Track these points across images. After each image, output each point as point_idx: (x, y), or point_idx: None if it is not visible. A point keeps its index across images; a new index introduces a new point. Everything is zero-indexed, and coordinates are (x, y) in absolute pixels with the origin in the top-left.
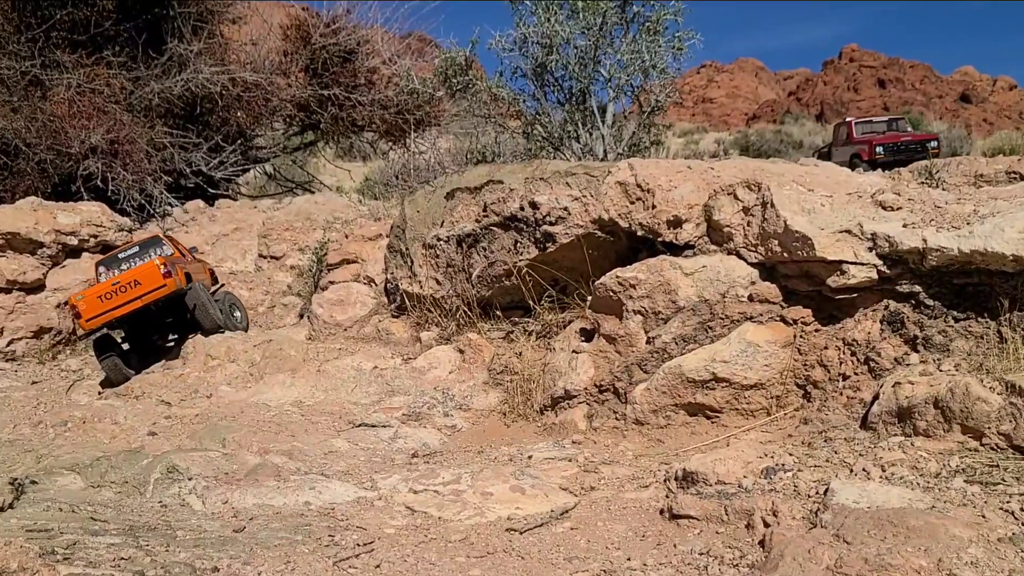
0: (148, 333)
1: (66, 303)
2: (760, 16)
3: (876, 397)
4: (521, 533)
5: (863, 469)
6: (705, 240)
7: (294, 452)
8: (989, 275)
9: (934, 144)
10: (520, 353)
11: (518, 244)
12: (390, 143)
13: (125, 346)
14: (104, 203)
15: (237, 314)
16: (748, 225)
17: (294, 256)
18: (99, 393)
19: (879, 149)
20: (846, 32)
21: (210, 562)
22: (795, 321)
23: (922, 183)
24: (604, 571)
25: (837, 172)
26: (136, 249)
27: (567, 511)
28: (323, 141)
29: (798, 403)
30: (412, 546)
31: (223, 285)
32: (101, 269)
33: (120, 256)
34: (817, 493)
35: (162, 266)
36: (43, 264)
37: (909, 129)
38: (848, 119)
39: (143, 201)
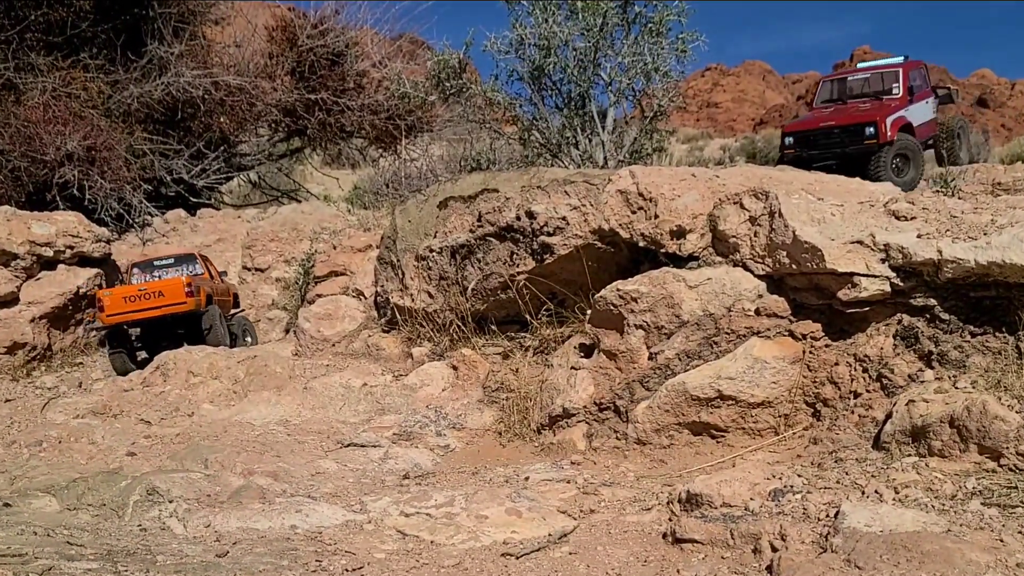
0: (161, 338)
1: (93, 298)
2: (768, 17)
3: (889, 416)
4: (517, 558)
5: (875, 491)
6: (710, 251)
7: (280, 473)
8: (1007, 288)
9: (871, 131)
10: (516, 370)
11: (514, 255)
12: (380, 150)
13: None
14: (81, 213)
15: (248, 339)
16: (755, 236)
17: (280, 268)
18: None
19: (788, 140)
20: (858, 33)
21: None
22: (804, 336)
23: (937, 191)
24: None
25: (848, 180)
26: (171, 261)
27: (566, 535)
28: (310, 148)
29: (807, 422)
30: (403, 572)
31: (243, 310)
32: (135, 270)
33: (155, 263)
34: (827, 516)
35: (187, 285)
36: (17, 277)
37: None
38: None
39: (121, 211)
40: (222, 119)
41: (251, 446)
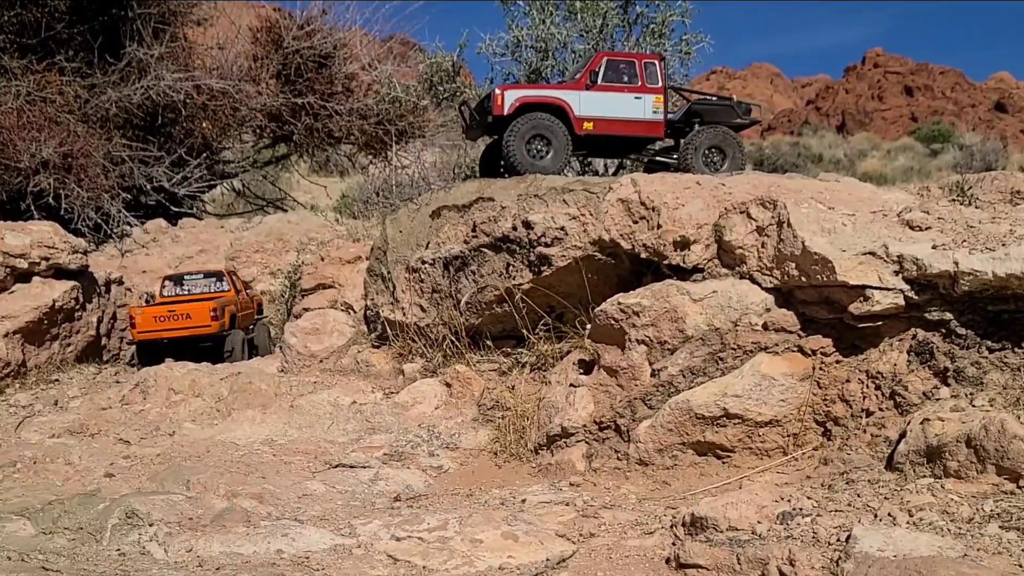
0: (187, 351)
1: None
2: (776, 18)
3: (903, 435)
4: None
5: (888, 514)
6: (715, 263)
7: (265, 495)
8: None
9: (489, 104)
10: (513, 387)
11: (510, 267)
12: (370, 156)
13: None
14: (57, 222)
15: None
16: (762, 246)
17: (265, 280)
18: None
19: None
20: (871, 35)
21: None
22: (814, 352)
23: (953, 200)
24: None
25: (860, 188)
26: (201, 276)
27: (564, 560)
28: (296, 154)
29: (817, 441)
30: None
31: (266, 316)
32: (167, 283)
33: (185, 277)
34: (838, 540)
35: (212, 310)
36: None
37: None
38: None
39: (99, 220)
40: (204, 124)
41: (235, 467)
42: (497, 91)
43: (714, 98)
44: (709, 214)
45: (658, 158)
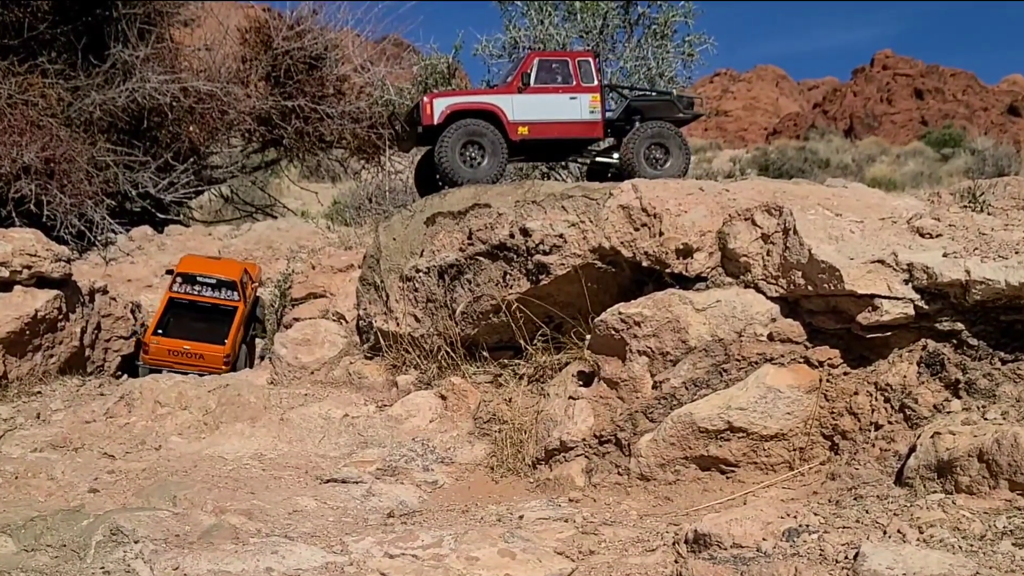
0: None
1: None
2: (782, 19)
3: (913, 449)
4: None
5: (898, 530)
6: (719, 271)
7: (254, 511)
8: None
9: (417, 114)
10: (510, 399)
11: (507, 276)
12: (362, 161)
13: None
14: (39, 230)
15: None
16: (768, 255)
17: None
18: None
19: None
20: (879, 36)
21: None
22: (821, 363)
23: (964, 207)
24: None
25: (868, 194)
26: (214, 281)
27: None
28: (287, 159)
29: (824, 456)
30: None
31: (262, 283)
32: (179, 279)
33: (198, 278)
34: (846, 558)
35: (225, 357)
36: None
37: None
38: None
39: (83, 227)
40: (191, 128)
41: (223, 482)
42: (425, 100)
43: (653, 93)
44: (712, 221)
45: (600, 159)
